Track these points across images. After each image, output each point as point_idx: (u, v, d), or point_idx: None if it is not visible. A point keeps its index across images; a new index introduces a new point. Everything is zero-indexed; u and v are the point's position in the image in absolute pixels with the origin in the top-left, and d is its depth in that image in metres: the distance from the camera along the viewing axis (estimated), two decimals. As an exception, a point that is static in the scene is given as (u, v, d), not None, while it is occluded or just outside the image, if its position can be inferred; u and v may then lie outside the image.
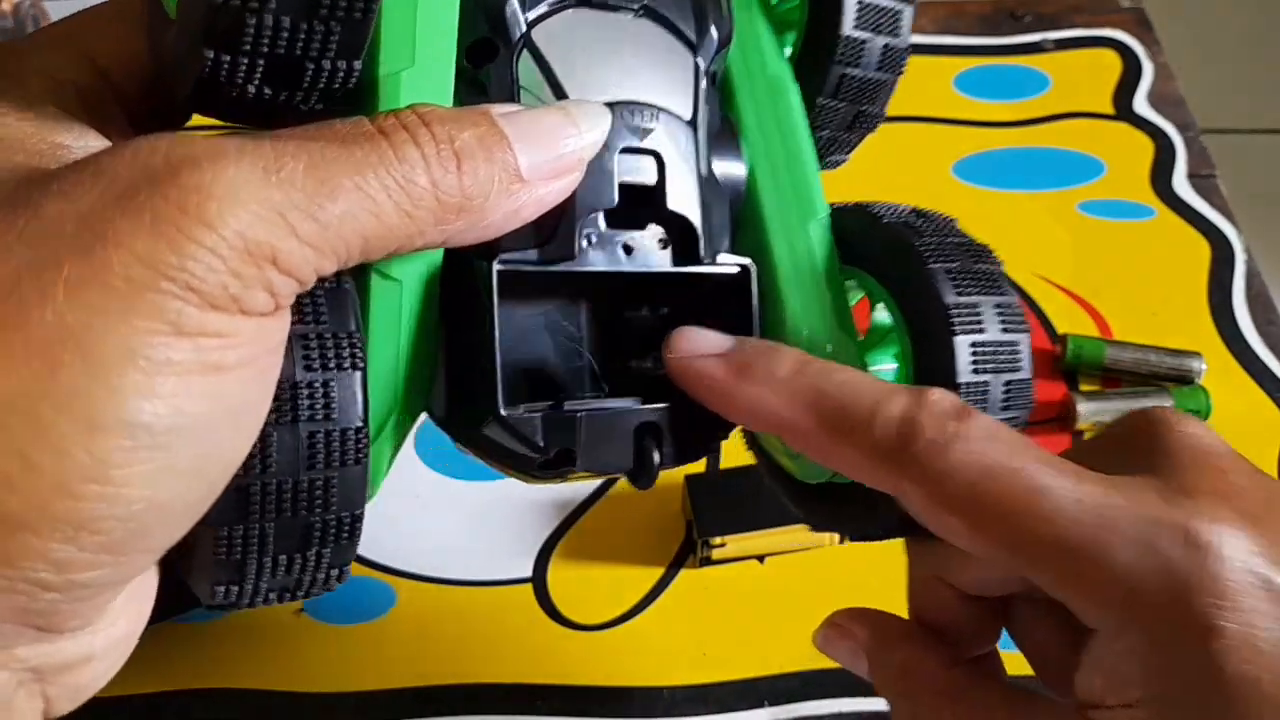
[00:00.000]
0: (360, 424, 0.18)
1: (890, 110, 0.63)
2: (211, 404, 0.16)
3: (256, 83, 0.18)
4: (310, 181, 0.16)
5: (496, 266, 0.20)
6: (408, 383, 0.21)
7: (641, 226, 0.22)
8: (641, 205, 0.22)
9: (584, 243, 0.21)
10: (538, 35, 0.22)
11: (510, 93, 0.22)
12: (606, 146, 0.21)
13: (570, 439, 0.21)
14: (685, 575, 0.44)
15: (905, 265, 0.23)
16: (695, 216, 0.22)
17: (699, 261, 0.23)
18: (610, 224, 0.22)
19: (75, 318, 0.14)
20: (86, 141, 0.18)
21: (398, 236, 0.18)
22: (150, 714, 0.40)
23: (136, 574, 0.17)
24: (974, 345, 0.22)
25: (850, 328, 0.24)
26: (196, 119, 0.21)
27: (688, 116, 0.23)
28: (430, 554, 0.43)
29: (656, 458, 0.22)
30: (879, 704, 0.40)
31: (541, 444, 0.21)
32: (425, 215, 0.18)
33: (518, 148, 0.19)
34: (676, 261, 0.23)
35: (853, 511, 0.25)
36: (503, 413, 0.21)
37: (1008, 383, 0.22)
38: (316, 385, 0.18)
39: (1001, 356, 0.22)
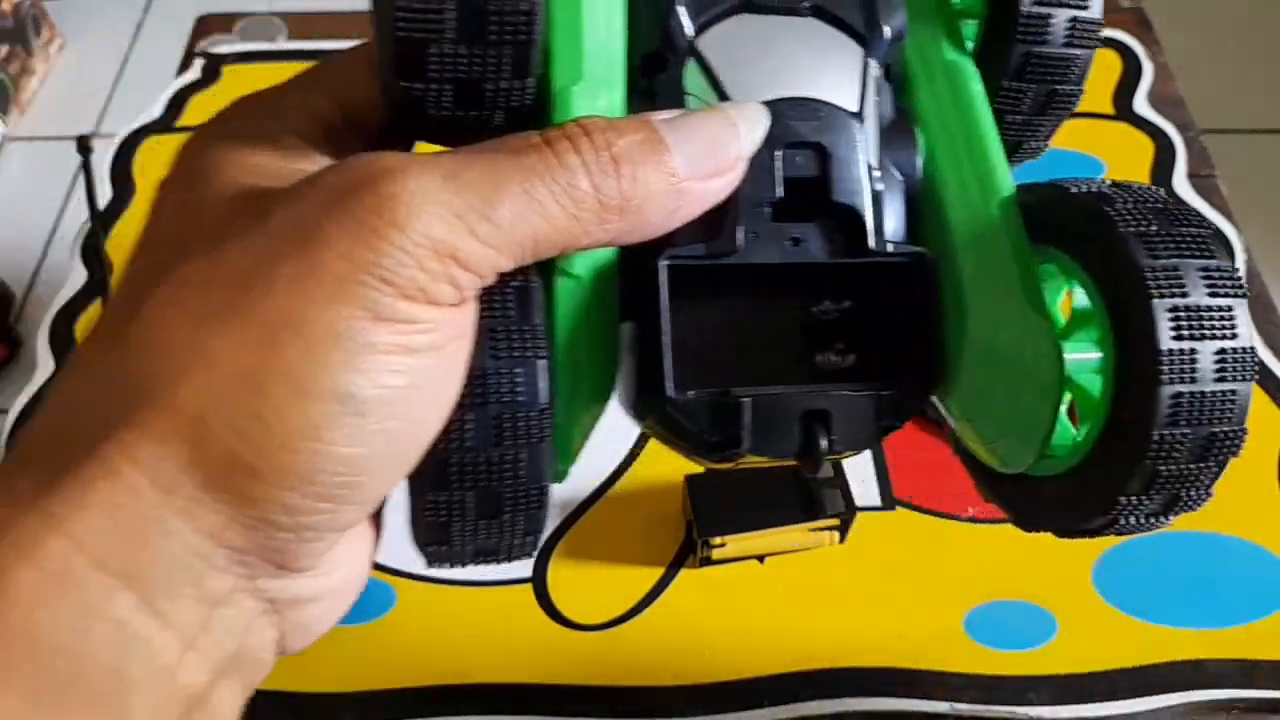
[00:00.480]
0: (544, 406, 0.20)
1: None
2: (406, 380, 0.18)
3: (448, 106, 0.21)
4: (484, 188, 0.19)
5: (664, 262, 0.22)
6: (592, 368, 0.23)
7: (809, 219, 0.23)
8: (808, 198, 0.22)
9: (749, 237, 0.22)
10: (703, 43, 0.23)
11: (678, 101, 0.23)
12: (769, 143, 0.22)
13: (736, 423, 0.22)
14: (685, 575, 0.44)
15: (1096, 233, 0.22)
16: (863, 206, 0.23)
17: (867, 251, 0.23)
18: (777, 218, 0.22)
19: (293, 306, 0.18)
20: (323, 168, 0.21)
21: (565, 236, 0.19)
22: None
23: (352, 523, 0.20)
24: (1173, 310, 0.21)
25: (1042, 307, 0.23)
26: (422, 146, 0.23)
27: (854, 109, 0.23)
28: (430, 554, 0.44)
29: (824, 443, 0.23)
30: (880, 703, 0.40)
31: (708, 426, 0.22)
32: (589, 216, 0.19)
33: (676, 150, 0.20)
34: (847, 253, 0.23)
35: (1052, 503, 0.24)
36: (671, 395, 0.22)
37: (1220, 351, 0.21)
38: (504, 373, 0.20)
39: (1211, 322, 0.21)
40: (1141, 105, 0.61)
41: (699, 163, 0.21)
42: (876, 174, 0.23)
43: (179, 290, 0.19)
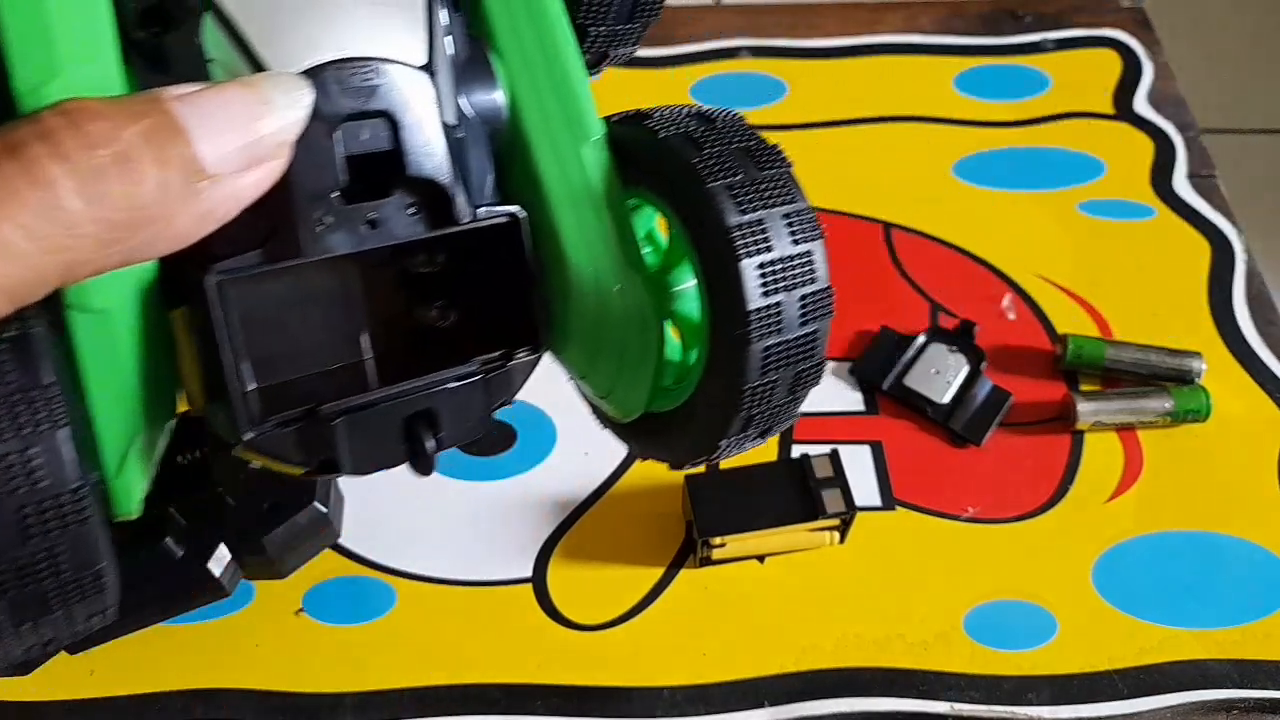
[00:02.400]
0: (75, 485, 0.17)
1: (890, 110, 0.64)
2: None
3: None
4: None
5: (211, 279, 0.18)
6: (145, 404, 0.19)
7: (386, 194, 0.20)
8: (382, 173, 0.20)
9: (315, 228, 0.19)
10: None
11: (196, 70, 0.18)
12: (322, 117, 0.18)
13: (331, 445, 0.20)
14: (685, 575, 0.44)
15: (685, 185, 0.21)
16: (443, 175, 0.20)
17: (455, 221, 0.21)
18: (348, 199, 0.19)
19: None
20: None
21: (54, 275, 0.15)
22: (151, 713, 0.40)
23: None
24: (762, 266, 0.21)
25: (637, 259, 0.22)
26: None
27: (422, 60, 0.20)
28: (430, 554, 0.43)
29: (431, 444, 0.21)
30: (880, 704, 0.40)
31: (298, 459, 0.20)
32: (86, 243, 0.15)
33: (198, 137, 0.16)
34: (434, 224, 0.20)
35: (663, 439, 0.24)
36: (247, 438, 0.19)
37: (803, 297, 0.21)
38: (13, 455, 0.16)
39: (794, 271, 0.21)
40: (1142, 105, 0.61)
41: (229, 151, 0.16)
42: (457, 131, 0.21)
43: None
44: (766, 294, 0.21)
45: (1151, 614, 0.43)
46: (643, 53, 0.64)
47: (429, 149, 0.20)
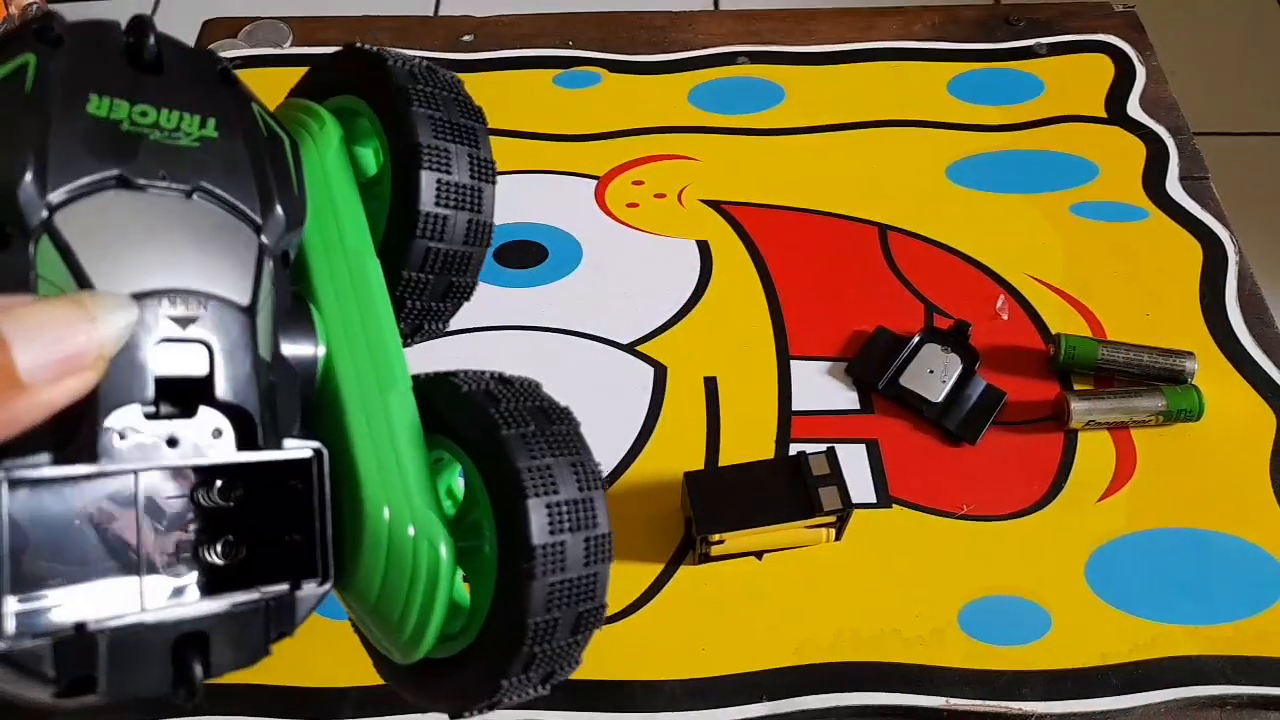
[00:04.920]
0: None
1: (885, 114, 0.64)
2: None
3: None
4: None
5: (2, 478, 0.18)
6: None
7: (191, 416, 0.21)
8: (191, 397, 0.21)
9: (115, 439, 0.20)
10: (62, 220, 0.20)
11: (26, 286, 0.19)
12: (141, 338, 0.20)
13: (90, 663, 0.19)
14: (684, 572, 0.44)
15: (482, 433, 0.23)
16: (251, 405, 0.21)
17: (257, 449, 0.21)
18: (152, 417, 0.20)
19: None
20: None
21: None
22: (155, 709, 0.40)
23: None
24: (549, 506, 0.22)
25: (432, 501, 0.24)
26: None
27: (245, 301, 0.22)
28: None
29: (199, 671, 0.20)
30: (876, 698, 0.41)
31: (52, 674, 0.19)
32: None
33: (17, 347, 0.17)
34: (237, 451, 0.21)
35: (443, 685, 0.25)
36: (7, 641, 0.18)
37: (587, 539, 0.23)
38: None
39: (579, 514, 0.23)
40: (1134, 109, 0.61)
41: (46, 361, 0.17)
42: (271, 371, 0.22)
43: None
44: (553, 532, 0.22)
45: (1144, 610, 0.43)
46: (641, 59, 0.64)
47: (240, 380, 0.21)
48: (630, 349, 0.51)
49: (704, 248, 0.55)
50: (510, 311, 0.53)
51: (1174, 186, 0.57)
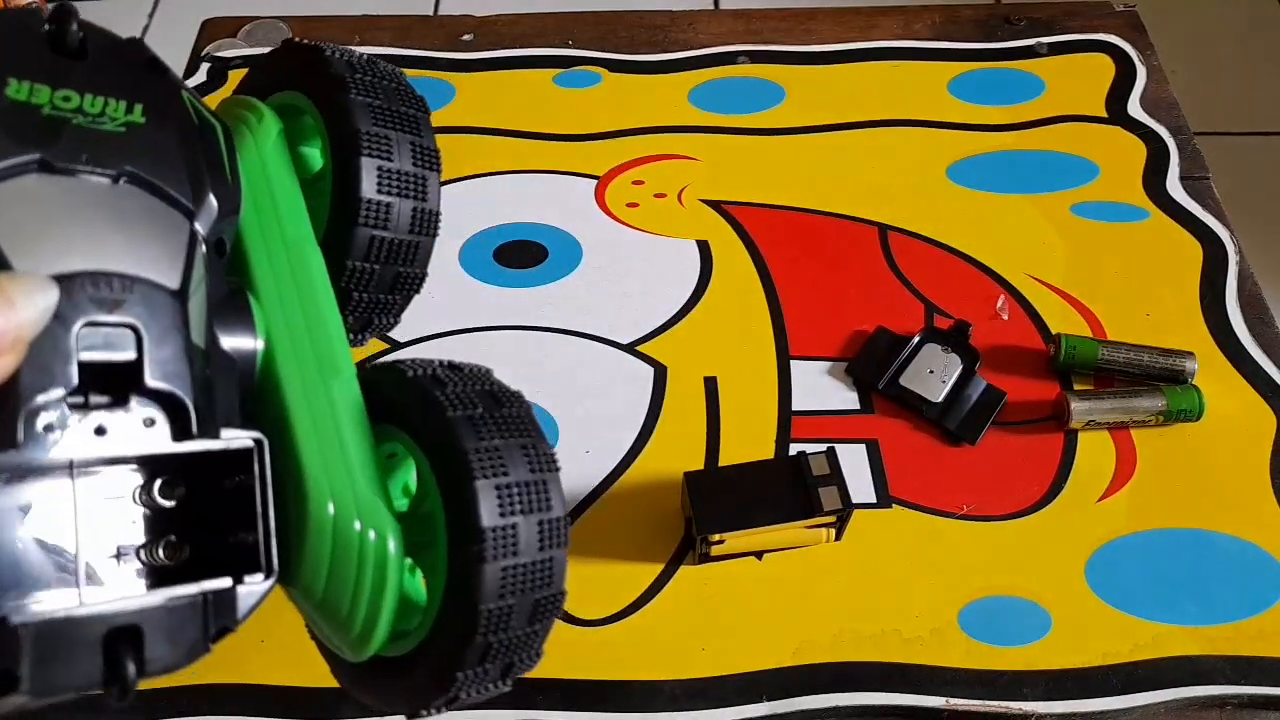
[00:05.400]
0: None
1: (886, 114, 0.64)
2: None
3: None
4: None
5: None
6: None
7: (122, 405, 0.20)
8: (120, 383, 0.20)
9: (40, 428, 0.19)
10: None
11: None
12: (62, 322, 0.19)
13: (14, 655, 0.18)
14: (684, 571, 0.44)
15: (428, 417, 0.23)
16: (184, 391, 0.20)
17: (191, 439, 0.21)
18: (78, 405, 0.19)
19: None
20: None
21: None
22: (155, 708, 0.40)
23: None
24: (498, 488, 0.22)
25: (379, 489, 0.23)
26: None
27: (174, 285, 0.21)
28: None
29: (131, 669, 0.19)
30: (876, 698, 0.41)
31: None
32: None
33: None
34: (170, 441, 0.20)
35: (398, 684, 0.24)
36: None
37: (540, 522, 0.22)
38: None
39: (531, 496, 0.22)
40: (1135, 108, 0.61)
41: None
42: (205, 359, 0.21)
43: None
44: (503, 514, 0.22)
45: (1145, 610, 0.43)
46: (641, 59, 0.64)
47: (171, 365, 0.20)
48: (630, 349, 0.51)
49: (704, 248, 0.55)
50: (510, 311, 0.53)
51: (1174, 186, 0.57)
